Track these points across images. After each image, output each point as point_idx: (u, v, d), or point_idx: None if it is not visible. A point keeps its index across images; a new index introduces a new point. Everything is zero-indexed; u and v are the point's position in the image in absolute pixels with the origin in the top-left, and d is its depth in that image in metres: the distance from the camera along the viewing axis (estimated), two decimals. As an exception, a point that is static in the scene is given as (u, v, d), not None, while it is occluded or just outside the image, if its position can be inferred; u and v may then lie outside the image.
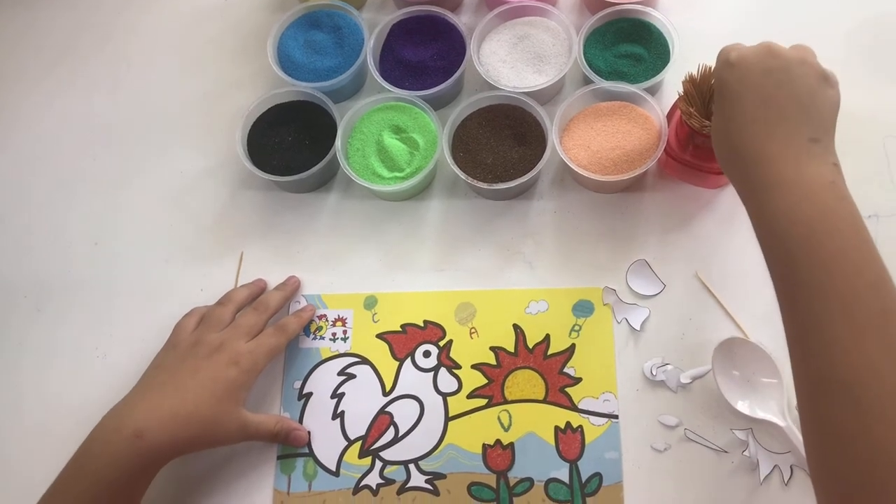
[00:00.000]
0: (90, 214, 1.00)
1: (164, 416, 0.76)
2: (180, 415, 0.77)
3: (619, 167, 0.87)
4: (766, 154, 0.66)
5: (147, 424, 0.75)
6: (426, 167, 0.91)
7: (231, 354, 0.81)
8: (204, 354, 0.81)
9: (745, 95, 0.68)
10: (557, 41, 0.95)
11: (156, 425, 0.75)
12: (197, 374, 0.80)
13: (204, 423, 0.78)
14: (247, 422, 0.81)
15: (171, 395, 0.78)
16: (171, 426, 0.76)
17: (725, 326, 0.84)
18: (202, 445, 0.80)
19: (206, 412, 0.78)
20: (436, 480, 0.82)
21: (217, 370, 0.80)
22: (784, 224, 0.63)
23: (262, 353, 0.83)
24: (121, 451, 0.74)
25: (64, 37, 1.13)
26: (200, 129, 1.03)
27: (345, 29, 1.00)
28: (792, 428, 0.77)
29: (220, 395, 0.79)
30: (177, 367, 0.81)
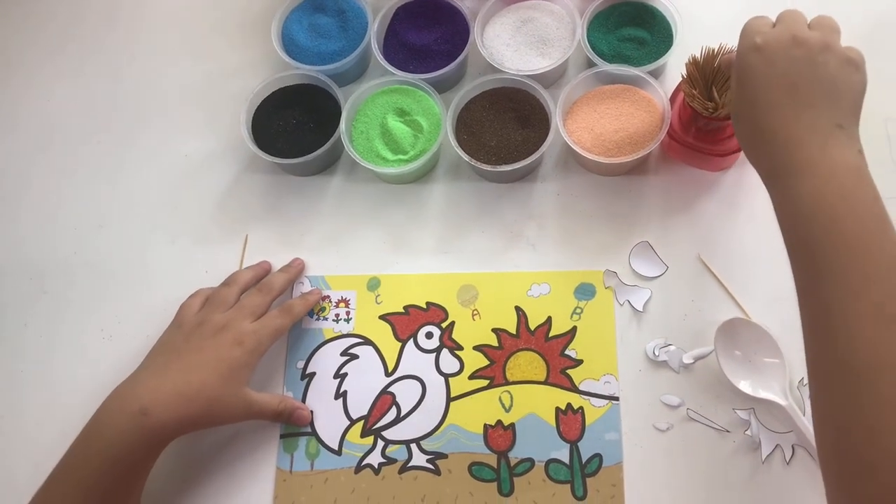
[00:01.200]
0: (95, 197, 1.00)
1: (169, 395, 0.76)
2: (185, 393, 0.77)
3: (622, 150, 0.87)
4: (793, 138, 0.65)
5: (152, 402, 0.76)
6: (430, 150, 0.91)
7: (235, 334, 0.82)
8: (208, 334, 0.82)
9: (770, 81, 0.68)
10: (561, 24, 0.95)
11: (161, 403, 0.76)
12: (201, 353, 0.80)
13: (208, 401, 0.78)
14: (250, 401, 0.81)
15: (175, 373, 0.79)
16: (176, 404, 0.76)
17: (727, 307, 0.84)
18: (206, 424, 0.80)
19: (210, 391, 0.78)
20: (437, 460, 0.83)
21: (221, 350, 0.80)
22: (808, 208, 0.63)
23: (266, 333, 0.83)
24: (126, 429, 0.74)
25: (68, 21, 1.13)
26: (205, 113, 1.03)
27: (349, 12, 1.00)
28: (794, 407, 0.77)
29: (225, 375, 0.79)
30: (182, 347, 0.82)
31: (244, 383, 0.81)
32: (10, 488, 0.87)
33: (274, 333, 0.84)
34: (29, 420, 0.90)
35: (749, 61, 0.69)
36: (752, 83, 0.69)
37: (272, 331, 0.84)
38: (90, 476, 0.74)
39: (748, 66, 0.69)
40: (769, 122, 0.67)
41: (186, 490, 0.84)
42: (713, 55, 0.82)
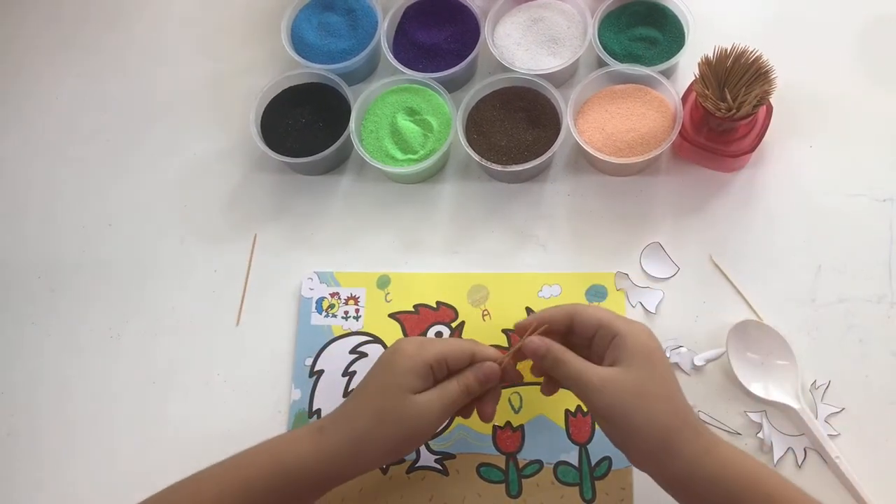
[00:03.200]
0: (104, 196, 1.00)
1: (339, 415, 0.73)
2: (350, 411, 0.73)
3: (633, 150, 0.87)
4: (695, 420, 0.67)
5: (328, 421, 0.72)
6: (440, 149, 0.90)
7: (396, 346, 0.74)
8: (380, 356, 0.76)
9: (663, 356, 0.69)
10: (572, 24, 0.95)
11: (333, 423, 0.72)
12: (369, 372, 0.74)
13: (373, 419, 0.71)
14: (423, 405, 0.70)
15: (350, 396, 0.74)
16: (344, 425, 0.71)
17: (739, 309, 0.83)
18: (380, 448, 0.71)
19: (372, 407, 0.71)
20: (445, 460, 0.82)
21: (381, 361, 0.74)
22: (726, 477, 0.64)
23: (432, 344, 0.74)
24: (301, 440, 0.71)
25: (77, 20, 1.13)
26: (214, 111, 1.03)
27: (358, 11, 1.00)
28: (806, 410, 0.76)
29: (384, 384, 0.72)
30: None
31: (407, 390, 0.70)
32: (18, 486, 0.87)
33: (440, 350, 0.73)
34: (37, 419, 0.90)
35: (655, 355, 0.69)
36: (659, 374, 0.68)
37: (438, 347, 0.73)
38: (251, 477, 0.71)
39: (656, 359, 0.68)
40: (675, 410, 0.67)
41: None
42: (726, 55, 0.81)
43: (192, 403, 0.88)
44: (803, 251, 0.84)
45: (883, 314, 0.80)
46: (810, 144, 0.89)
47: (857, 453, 0.75)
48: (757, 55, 0.81)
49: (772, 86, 0.80)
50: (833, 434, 0.76)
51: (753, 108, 0.80)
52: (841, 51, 0.93)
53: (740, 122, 0.83)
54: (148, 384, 0.89)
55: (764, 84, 0.80)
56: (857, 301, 0.81)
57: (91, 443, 0.88)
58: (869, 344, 0.80)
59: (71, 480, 0.86)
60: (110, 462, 0.87)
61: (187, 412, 0.88)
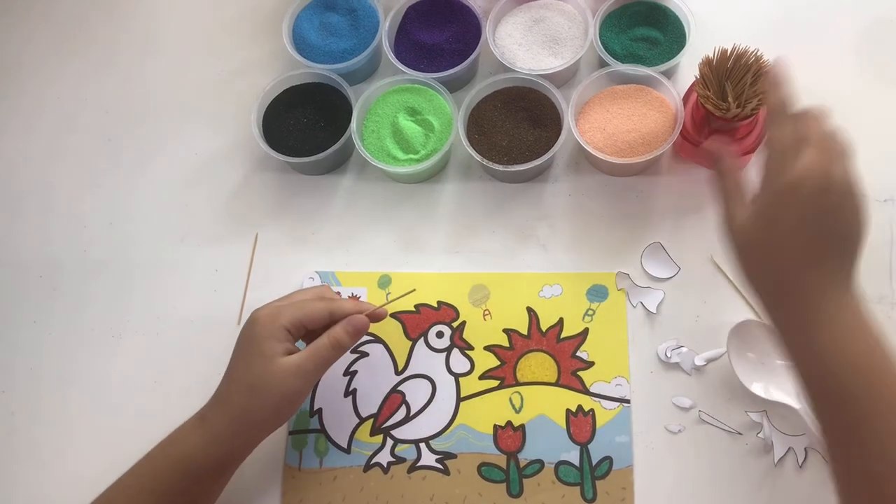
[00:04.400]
0: (106, 195, 1.00)
1: (216, 399, 0.76)
2: (223, 392, 0.76)
3: (634, 150, 0.87)
4: (815, 291, 0.63)
5: (207, 408, 0.76)
6: (441, 149, 0.91)
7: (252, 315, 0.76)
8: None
9: (800, 229, 0.63)
10: (573, 24, 0.95)
11: (212, 408, 0.76)
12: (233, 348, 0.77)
13: (246, 393, 0.73)
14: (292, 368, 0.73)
15: (223, 378, 0.77)
16: (223, 407, 0.75)
17: (740, 309, 0.83)
18: (259, 420, 0.75)
19: (242, 382, 0.74)
20: (446, 460, 0.82)
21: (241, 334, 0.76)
22: (838, 361, 0.61)
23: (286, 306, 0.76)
24: (189, 432, 0.75)
25: (78, 19, 1.13)
26: (216, 111, 1.03)
27: (360, 11, 1.00)
28: (806, 410, 0.76)
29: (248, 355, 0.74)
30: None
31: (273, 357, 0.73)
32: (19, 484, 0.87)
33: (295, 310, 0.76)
34: (39, 417, 0.90)
35: (783, 203, 0.64)
36: (781, 228, 0.64)
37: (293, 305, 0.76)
38: (158, 480, 0.74)
39: (781, 209, 0.64)
40: (793, 272, 0.63)
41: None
42: (726, 56, 0.82)
43: (193, 403, 0.88)
44: (804, 251, 0.84)
45: (883, 314, 0.81)
46: (811, 145, 0.89)
47: (857, 453, 0.75)
48: (758, 55, 0.81)
49: (773, 86, 0.80)
50: (833, 434, 0.76)
51: (754, 109, 0.80)
52: (841, 51, 0.94)
53: (741, 123, 0.83)
54: (149, 383, 0.89)
55: (765, 84, 0.80)
56: (857, 301, 0.81)
57: (92, 442, 0.88)
58: (869, 344, 0.80)
59: (72, 479, 0.86)
60: (111, 461, 0.86)
61: (189, 412, 0.88)
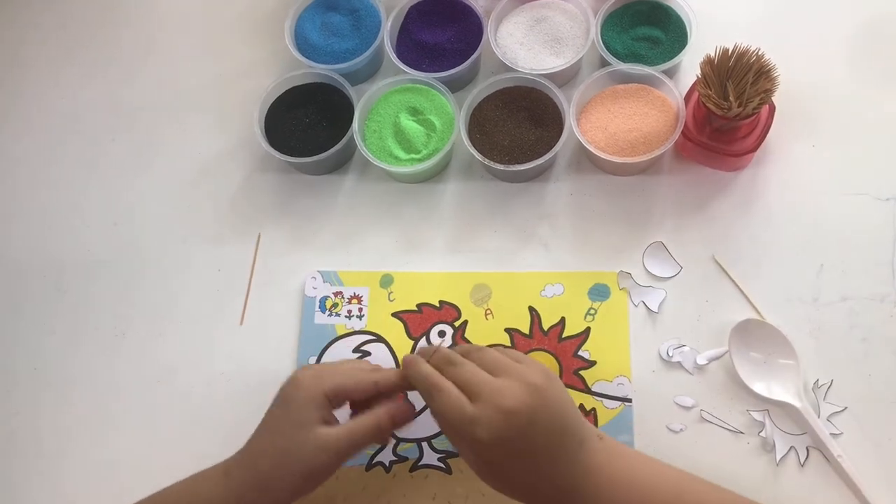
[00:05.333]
0: (110, 195, 1.01)
1: (243, 455, 0.73)
2: (254, 451, 0.73)
3: (636, 149, 0.87)
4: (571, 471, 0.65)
5: (233, 463, 0.73)
6: (443, 149, 0.91)
7: (292, 377, 0.74)
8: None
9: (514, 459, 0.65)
10: (575, 24, 0.95)
11: (238, 465, 0.72)
12: (269, 407, 0.74)
13: (276, 457, 0.70)
14: (326, 440, 0.70)
15: (253, 435, 0.74)
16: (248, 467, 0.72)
17: (742, 308, 0.83)
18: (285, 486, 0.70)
19: (274, 446, 0.71)
20: (448, 459, 0.83)
21: (280, 395, 0.73)
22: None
23: (329, 372, 0.74)
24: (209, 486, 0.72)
25: (82, 21, 1.14)
26: (218, 112, 1.03)
27: (362, 11, 1.00)
28: (808, 409, 0.76)
29: (284, 419, 0.72)
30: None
31: (309, 425, 0.70)
32: (23, 484, 0.87)
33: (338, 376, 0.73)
34: (42, 417, 0.90)
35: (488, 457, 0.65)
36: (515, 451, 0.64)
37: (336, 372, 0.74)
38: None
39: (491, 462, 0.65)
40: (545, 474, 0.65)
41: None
42: (728, 55, 0.81)
43: (196, 402, 0.89)
44: (806, 250, 0.84)
45: (886, 313, 0.80)
46: (813, 144, 0.89)
47: (859, 452, 0.75)
48: (759, 54, 0.80)
49: (774, 85, 0.80)
50: (835, 433, 0.76)
51: (756, 108, 0.80)
52: (844, 50, 0.93)
53: (743, 122, 0.83)
54: (153, 382, 0.90)
55: (766, 83, 0.80)
56: (859, 300, 0.81)
57: (96, 441, 0.88)
58: (871, 343, 0.79)
59: (75, 478, 0.87)
60: (115, 460, 0.87)
61: (192, 411, 0.88)
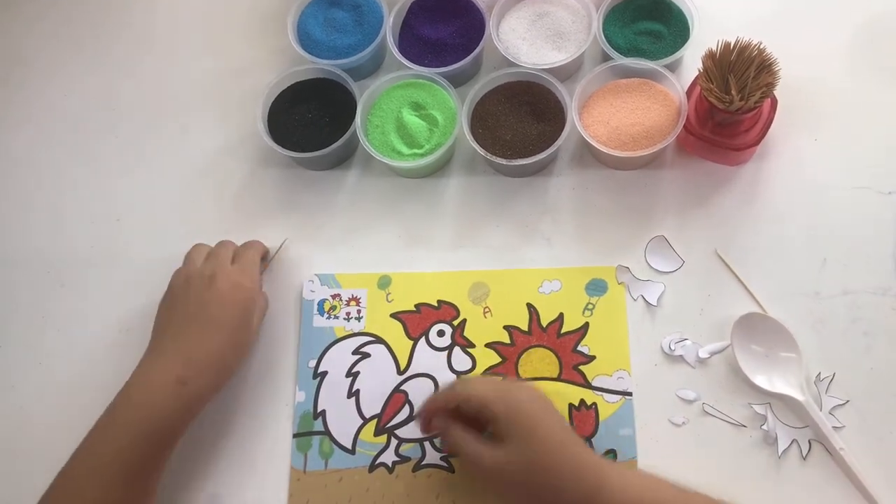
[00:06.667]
0: (112, 191, 1.01)
1: (201, 362, 0.79)
2: (214, 356, 0.79)
3: (638, 143, 0.87)
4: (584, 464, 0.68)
5: (188, 372, 0.77)
6: (445, 143, 0.91)
7: (227, 278, 0.83)
8: (205, 287, 0.83)
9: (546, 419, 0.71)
10: (577, 18, 0.95)
11: (196, 372, 0.78)
12: (210, 309, 0.81)
13: (235, 353, 0.82)
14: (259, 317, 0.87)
15: (201, 338, 0.80)
16: (210, 371, 0.79)
17: (744, 302, 0.83)
18: (235, 371, 0.83)
19: (233, 344, 0.81)
20: (451, 458, 0.82)
21: (224, 298, 0.82)
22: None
23: (249, 266, 0.86)
24: (164, 399, 0.76)
25: (85, 18, 1.14)
26: (221, 107, 1.03)
27: (364, 7, 1.00)
28: (811, 402, 0.76)
29: (241, 320, 0.82)
30: (189, 310, 0.82)
31: (253, 322, 0.84)
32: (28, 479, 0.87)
33: (255, 267, 0.87)
34: (47, 412, 0.90)
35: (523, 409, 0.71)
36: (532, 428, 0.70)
37: (252, 264, 0.87)
38: (123, 449, 0.74)
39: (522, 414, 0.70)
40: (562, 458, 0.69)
41: (200, 490, 0.84)
42: (730, 49, 0.81)
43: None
44: (808, 244, 0.84)
45: (888, 306, 0.80)
46: (815, 137, 0.89)
47: (861, 445, 0.75)
48: (761, 48, 0.80)
49: (776, 78, 0.80)
50: (837, 426, 0.76)
51: (757, 102, 0.80)
52: (846, 43, 0.93)
53: (745, 116, 0.83)
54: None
55: (768, 77, 0.80)
56: (861, 293, 0.81)
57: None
58: (873, 336, 0.79)
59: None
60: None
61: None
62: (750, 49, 0.81)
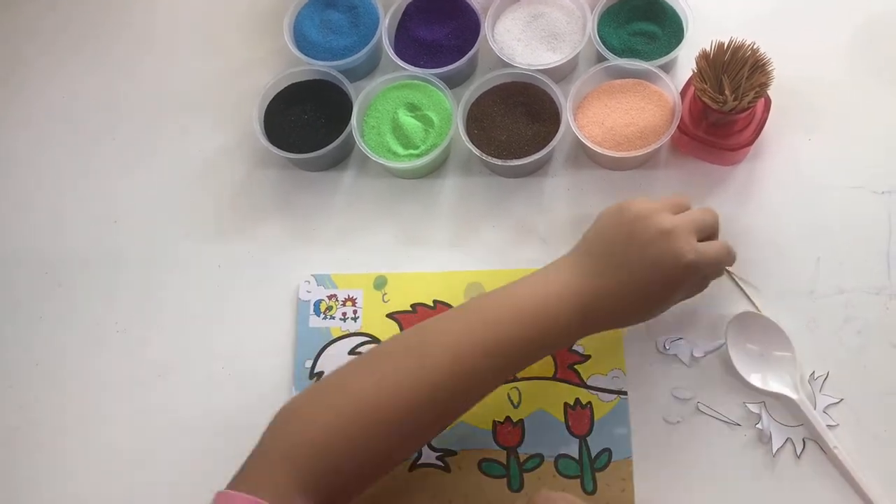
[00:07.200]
0: (110, 192, 1.01)
1: (609, 310, 0.73)
2: (619, 314, 0.74)
3: (632, 143, 0.87)
4: None
5: (593, 306, 0.71)
6: (441, 144, 0.91)
7: (677, 245, 0.70)
8: (653, 235, 0.71)
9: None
10: (571, 19, 0.95)
11: (599, 312, 0.72)
12: (645, 270, 0.71)
13: (638, 319, 0.77)
14: None
15: (621, 288, 0.72)
16: (609, 319, 0.74)
17: (738, 301, 0.83)
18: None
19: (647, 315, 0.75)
20: (447, 457, 0.82)
21: (663, 262, 0.71)
22: None
23: (709, 256, 0.73)
24: (568, 320, 0.71)
25: (82, 19, 1.14)
26: (218, 108, 1.03)
27: (360, 8, 1.00)
28: (805, 401, 0.77)
29: (668, 302, 0.75)
30: (624, 245, 0.73)
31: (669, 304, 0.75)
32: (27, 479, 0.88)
33: (715, 262, 0.74)
34: (44, 412, 0.91)
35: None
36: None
37: (713, 258, 0.73)
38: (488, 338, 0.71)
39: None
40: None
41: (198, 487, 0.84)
42: (724, 49, 0.82)
43: (198, 397, 0.89)
44: (802, 243, 0.84)
45: (881, 305, 0.80)
46: (809, 137, 0.89)
47: (855, 444, 0.75)
48: (754, 48, 0.81)
49: (769, 78, 0.80)
50: (832, 425, 0.76)
51: (751, 102, 0.80)
52: (840, 43, 0.93)
53: (739, 116, 0.83)
54: (154, 378, 0.90)
55: (761, 77, 0.80)
56: (855, 293, 0.81)
57: (97, 436, 0.88)
58: (867, 335, 0.80)
59: (77, 474, 0.87)
60: (116, 456, 0.88)
61: (194, 406, 0.88)
62: (743, 49, 0.81)
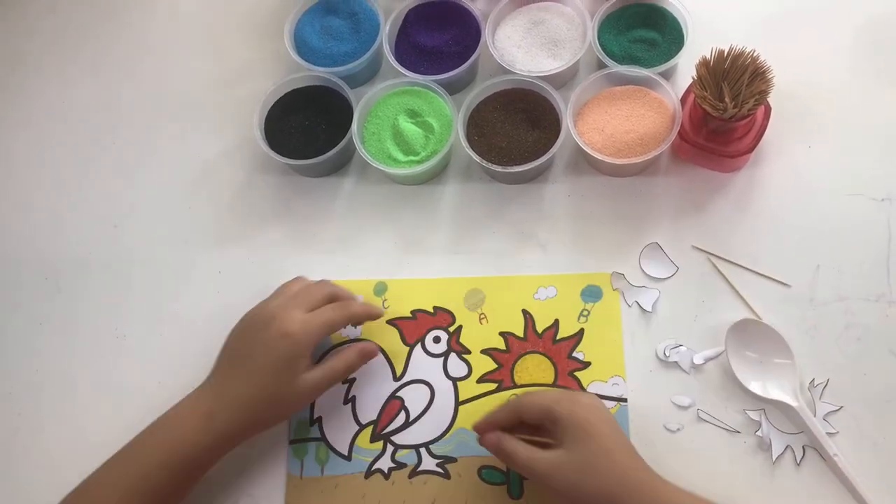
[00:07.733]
0: (110, 197, 1.01)
1: (231, 401, 0.78)
2: (243, 398, 0.78)
3: (633, 150, 0.87)
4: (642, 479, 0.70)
5: (217, 407, 0.77)
6: (441, 150, 0.91)
7: (281, 326, 0.79)
8: (259, 327, 0.80)
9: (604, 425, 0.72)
10: (572, 26, 0.95)
11: (225, 409, 0.77)
12: (254, 353, 0.79)
13: (268, 403, 0.78)
14: (310, 385, 0.79)
15: (236, 377, 0.79)
16: (238, 411, 0.77)
17: (738, 308, 0.83)
18: (271, 423, 0.81)
19: (267, 393, 0.78)
20: (447, 464, 0.83)
21: (269, 346, 0.78)
22: None
23: (315, 324, 0.80)
24: (193, 429, 0.76)
25: (83, 22, 1.14)
26: (218, 114, 1.04)
27: (361, 15, 1.00)
28: (804, 408, 0.77)
29: (279, 371, 0.78)
30: (238, 348, 0.81)
31: (299, 373, 0.79)
32: (27, 486, 0.87)
33: (323, 326, 0.81)
34: (44, 418, 0.90)
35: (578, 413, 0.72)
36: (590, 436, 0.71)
37: (321, 323, 0.81)
38: (150, 473, 0.75)
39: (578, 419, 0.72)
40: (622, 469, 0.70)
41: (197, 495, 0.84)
42: (724, 56, 0.82)
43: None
44: (802, 250, 0.85)
45: (881, 313, 0.81)
46: (809, 144, 0.89)
47: (855, 451, 0.76)
48: (754, 56, 0.81)
49: (769, 85, 0.81)
50: (831, 432, 0.76)
51: (751, 109, 0.80)
52: (839, 51, 0.94)
53: (739, 123, 0.83)
54: (153, 384, 0.90)
55: (761, 84, 0.80)
56: (855, 300, 0.82)
57: (97, 442, 0.88)
58: (867, 342, 0.80)
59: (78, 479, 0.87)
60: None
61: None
62: (743, 57, 0.81)
